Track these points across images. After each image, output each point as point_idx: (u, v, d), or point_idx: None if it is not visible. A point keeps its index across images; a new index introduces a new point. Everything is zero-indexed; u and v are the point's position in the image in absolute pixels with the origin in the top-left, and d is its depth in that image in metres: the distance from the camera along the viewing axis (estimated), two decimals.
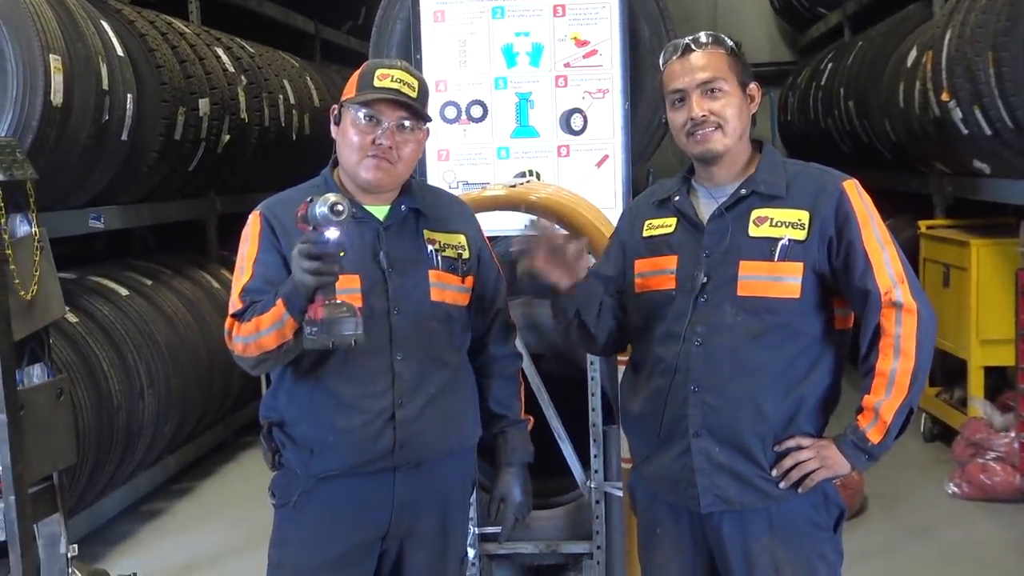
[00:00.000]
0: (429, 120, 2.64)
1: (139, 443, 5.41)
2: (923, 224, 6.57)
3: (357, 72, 2.62)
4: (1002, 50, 4.76)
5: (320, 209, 2.26)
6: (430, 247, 2.64)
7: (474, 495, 3.82)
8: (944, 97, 5.49)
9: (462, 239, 2.70)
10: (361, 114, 2.54)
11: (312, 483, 2.60)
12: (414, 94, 2.56)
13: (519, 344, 3.75)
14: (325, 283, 2.30)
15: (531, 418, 2.94)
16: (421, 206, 2.67)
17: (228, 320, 2.56)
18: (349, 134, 2.57)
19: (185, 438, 6.27)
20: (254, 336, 2.46)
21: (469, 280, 2.70)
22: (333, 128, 2.65)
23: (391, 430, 2.55)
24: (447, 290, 2.65)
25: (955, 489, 5.45)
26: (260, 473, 2.75)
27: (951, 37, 5.36)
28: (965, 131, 5.39)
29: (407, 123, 2.55)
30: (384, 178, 2.56)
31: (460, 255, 2.68)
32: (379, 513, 2.61)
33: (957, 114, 5.38)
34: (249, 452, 6.78)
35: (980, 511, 5.28)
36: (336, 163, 2.67)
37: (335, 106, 2.65)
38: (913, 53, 6.43)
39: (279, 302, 2.39)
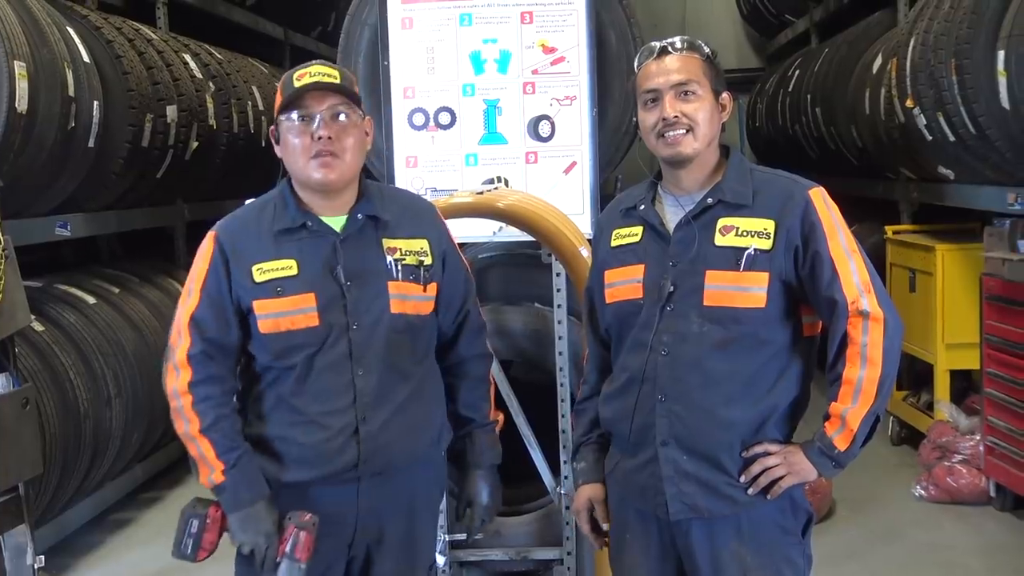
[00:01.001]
0: (360, 105, 2.59)
1: (107, 452, 5.37)
2: (889, 229, 6.63)
3: (279, 85, 2.60)
4: (964, 57, 4.81)
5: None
6: (389, 257, 2.60)
7: (444, 503, 3.82)
8: (909, 104, 5.54)
9: (424, 244, 2.66)
10: (294, 116, 2.52)
11: (276, 491, 2.59)
12: (337, 80, 2.53)
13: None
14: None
15: (500, 417, 2.92)
16: (379, 213, 2.62)
17: (181, 356, 2.53)
18: (288, 141, 2.54)
19: (153, 446, 6.23)
20: (186, 430, 2.54)
21: (432, 287, 2.66)
22: (277, 149, 2.61)
23: (355, 445, 2.55)
24: (408, 301, 2.61)
25: (922, 492, 5.50)
26: None
27: (915, 44, 5.41)
28: (929, 137, 5.44)
29: (341, 111, 2.52)
30: (333, 176, 2.52)
31: (422, 262, 2.63)
32: (345, 521, 2.60)
33: (921, 120, 5.43)
34: None
35: (946, 514, 5.32)
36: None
37: (272, 128, 2.61)
38: (878, 60, 6.49)
39: (219, 473, 2.50)
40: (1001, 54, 4.53)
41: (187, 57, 6.80)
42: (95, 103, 5.23)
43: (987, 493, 5.33)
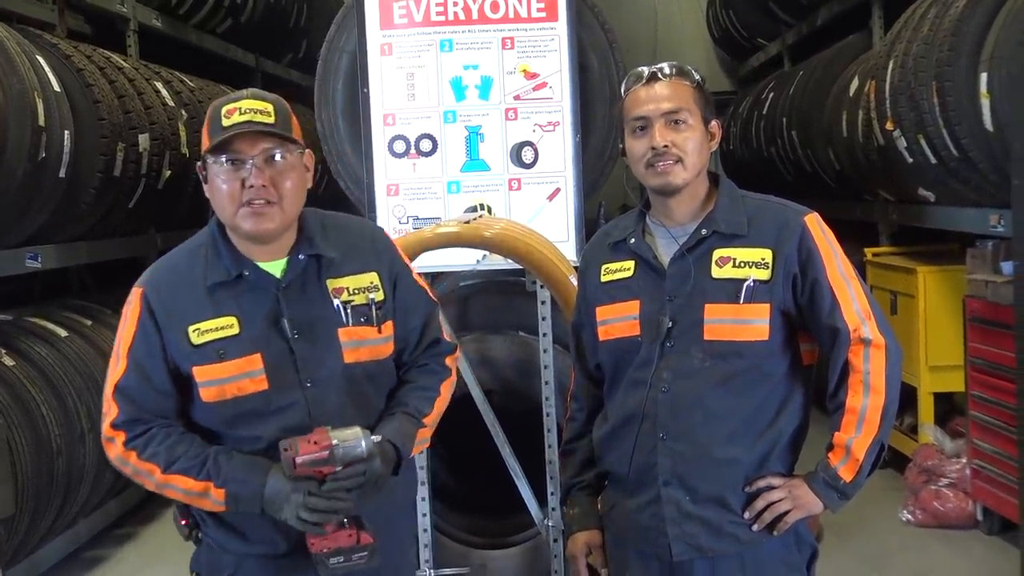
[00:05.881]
0: (297, 142, 2.34)
1: (80, 488, 5.24)
2: (869, 251, 6.62)
3: (207, 118, 2.34)
4: (945, 80, 4.80)
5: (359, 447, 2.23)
6: (336, 300, 2.37)
7: (430, 537, 3.74)
8: (888, 126, 5.52)
9: (373, 277, 2.42)
10: (223, 159, 2.28)
11: (240, 560, 2.41)
12: (271, 119, 2.28)
13: (469, 377, 3.66)
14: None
15: (428, 426, 2.52)
16: (322, 251, 2.39)
17: (106, 426, 2.34)
18: (216, 185, 2.30)
19: (127, 482, 6.07)
20: (153, 482, 2.33)
21: (387, 327, 2.43)
22: (205, 188, 2.35)
23: None
24: (362, 347, 2.39)
25: (908, 516, 5.45)
26: None
27: (894, 67, 5.41)
28: (910, 160, 5.42)
29: (275, 152, 2.29)
30: (269, 225, 2.29)
31: (372, 300, 2.40)
32: None
33: (902, 143, 5.42)
34: None
35: (934, 538, 5.28)
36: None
37: (199, 164, 2.36)
38: (855, 82, 6.49)
39: (216, 492, 2.27)
40: (984, 76, 4.53)
41: (159, 85, 6.71)
42: (66, 133, 5.14)
43: (974, 517, 5.29)
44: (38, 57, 5.14)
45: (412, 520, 2.63)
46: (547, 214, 4.16)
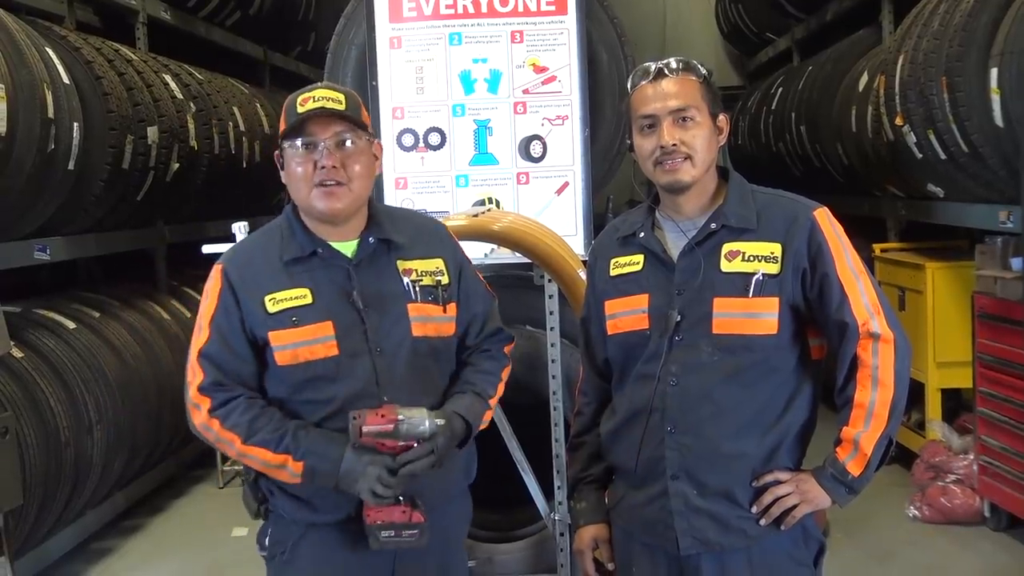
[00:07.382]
0: (367, 129, 2.49)
1: (88, 480, 5.26)
2: (877, 247, 6.60)
3: (283, 109, 2.52)
4: (955, 75, 4.79)
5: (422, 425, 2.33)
6: (406, 279, 2.51)
7: None
8: (898, 121, 5.51)
9: (440, 263, 2.56)
10: (297, 143, 2.43)
11: (305, 530, 2.50)
12: (342, 107, 2.43)
13: None
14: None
15: (491, 408, 2.65)
16: (391, 235, 2.52)
17: (193, 392, 2.45)
18: (292, 169, 2.45)
19: (135, 473, 6.11)
20: (234, 450, 2.43)
21: (451, 307, 2.56)
22: (282, 174, 2.51)
23: None
24: (430, 323, 2.52)
25: (916, 512, 5.45)
26: (212, 509, 2.66)
27: (904, 62, 5.39)
28: (919, 155, 5.41)
29: (346, 137, 2.43)
30: (339, 205, 2.43)
31: (439, 282, 2.54)
32: (381, 567, 2.49)
33: (911, 138, 5.41)
34: (201, 487, 6.62)
35: (941, 534, 5.28)
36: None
37: (277, 152, 2.52)
38: (864, 78, 6.48)
39: (295, 464, 2.37)
40: (994, 72, 4.51)
41: (167, 78, 6.72)
42: (75, 125, 5.15)
43: (981, 513, 5.28)
44: (47, 49, 5.15)
45: (464, 506, 2.69)
46: (555, 208, 4.16)
